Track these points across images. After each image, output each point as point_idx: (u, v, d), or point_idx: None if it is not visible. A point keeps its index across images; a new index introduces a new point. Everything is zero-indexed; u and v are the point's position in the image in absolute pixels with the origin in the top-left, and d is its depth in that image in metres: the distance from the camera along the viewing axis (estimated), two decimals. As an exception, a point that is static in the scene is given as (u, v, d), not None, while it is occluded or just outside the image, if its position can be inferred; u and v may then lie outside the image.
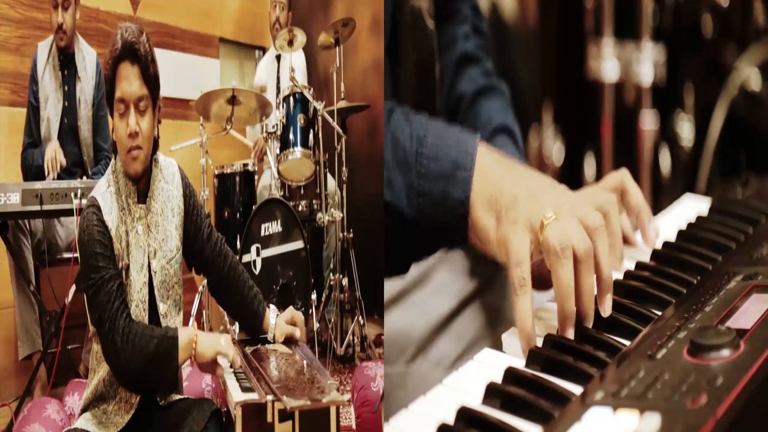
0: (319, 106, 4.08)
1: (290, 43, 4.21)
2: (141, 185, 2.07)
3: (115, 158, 2.08)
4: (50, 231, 3.59)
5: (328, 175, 4.27)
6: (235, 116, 3.97)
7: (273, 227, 3.80)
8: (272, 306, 2.23)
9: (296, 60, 4.63)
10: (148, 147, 2.05)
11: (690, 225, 1.81)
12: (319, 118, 4.08)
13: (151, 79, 2.02)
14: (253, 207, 3.84)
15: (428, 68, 1.94)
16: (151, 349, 1.91)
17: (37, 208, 3.09)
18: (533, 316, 1.47)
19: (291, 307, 2.27)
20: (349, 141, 4.34)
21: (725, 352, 1.26)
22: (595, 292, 1.50)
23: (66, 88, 3.69)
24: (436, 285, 1.84)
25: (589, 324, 1.48)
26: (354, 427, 2.54)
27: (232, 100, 3.94)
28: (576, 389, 1.31)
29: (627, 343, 1.40)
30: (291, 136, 4.09)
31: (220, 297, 2.29)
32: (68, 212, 3.12)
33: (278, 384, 1.78)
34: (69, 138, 3.71)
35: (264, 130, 4.19)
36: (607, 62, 2.92)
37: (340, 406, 1.68)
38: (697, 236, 1.74)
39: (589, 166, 2.55)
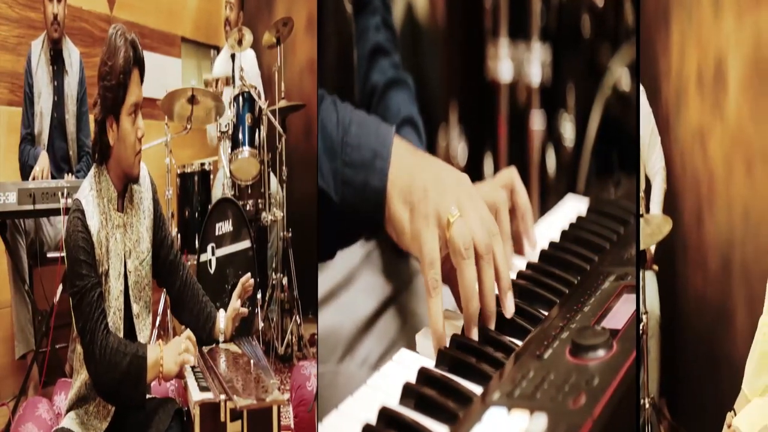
0: (264, 105, 3.86)
1: (239, 42, 3.96)
2: (120, 189, 1.94)
3: (100, 163, 1.93)
4: (40, 230, 3.38)
5: (271, 174, 4.00)
6: (194, 115, 3.70)
7: (225, 227, 3.56)
8: (221, 310, 2.13)
9: (248, 59, 4.37)
10: None
11: (571, 225, 1.77)
12: (264, 117, 3.85)
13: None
14: (209, 206, 3.65)
15: (347, 53, 1.86)
16: (124, 366, 1.81)
17: (30, 207, 2.93)
18: (444, 318, 1.44)
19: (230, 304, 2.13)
20: (288, 140, 4.08)
21: (601, 353, 1.25)
22: (497, 292, 1.47)
23: (56, 83, 3.49)
24: (360, 286, 1.76)
25: (492, 324, 1.45)
26: (292, 426, 2.38)
27: (192, 99, 3.69)
28: (478, 389, 1.29)
29: (521, 343, 1.39)
30: (240, 136, 3.81)
31: (181, 307, 2.11)
32: (58, 211, 2.94)
33: (230, 383, 1.73)
34: (58, 133, 3.51)
35: (218, 129, 3.96)
36: (503, 62, 2.81)
37: (281, 405, 1.63)
38: (577, 236, 1.70)
39: (488, 166, 2.48)
